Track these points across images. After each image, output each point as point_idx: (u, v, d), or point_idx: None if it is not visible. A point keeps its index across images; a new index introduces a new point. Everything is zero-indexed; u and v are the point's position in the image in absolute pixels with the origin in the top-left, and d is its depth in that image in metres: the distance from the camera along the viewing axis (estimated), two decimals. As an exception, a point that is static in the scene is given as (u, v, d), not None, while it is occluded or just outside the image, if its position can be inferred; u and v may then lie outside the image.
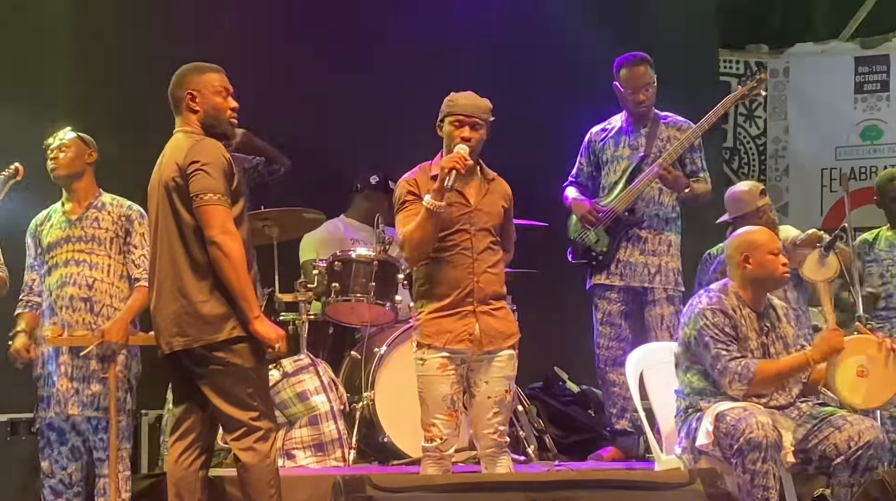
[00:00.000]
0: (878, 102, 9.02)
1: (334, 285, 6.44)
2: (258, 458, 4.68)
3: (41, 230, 5.73)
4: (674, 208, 6.48)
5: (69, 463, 5.63)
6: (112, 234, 5.65)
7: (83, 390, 5.53)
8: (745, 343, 5.24)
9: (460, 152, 4.86)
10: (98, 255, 5.62)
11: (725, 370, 5.13)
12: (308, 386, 6.18)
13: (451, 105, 4.96)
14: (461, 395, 4.95)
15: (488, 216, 4.97)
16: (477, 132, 4.93)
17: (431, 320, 4.95)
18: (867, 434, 5.07)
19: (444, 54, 7.82)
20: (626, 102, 6.47)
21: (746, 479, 4.94)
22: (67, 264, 5.62)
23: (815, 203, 9.11)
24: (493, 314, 4.95)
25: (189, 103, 4.77)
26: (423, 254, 4.95)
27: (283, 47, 7.62)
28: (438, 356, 4.91)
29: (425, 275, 4.99)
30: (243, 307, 4.64)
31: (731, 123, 9.26)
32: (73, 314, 5.57)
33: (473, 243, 4.93)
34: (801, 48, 9.26)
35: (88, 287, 5.59)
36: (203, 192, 4.61)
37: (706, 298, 5.31)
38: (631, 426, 6.45)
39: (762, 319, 5.32)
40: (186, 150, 4.67)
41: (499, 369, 4.94)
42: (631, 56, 6.45)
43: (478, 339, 4.90)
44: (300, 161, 7.18)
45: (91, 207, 5.68)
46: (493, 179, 5.05)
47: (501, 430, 4.97)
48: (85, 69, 7.01)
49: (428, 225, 4.86)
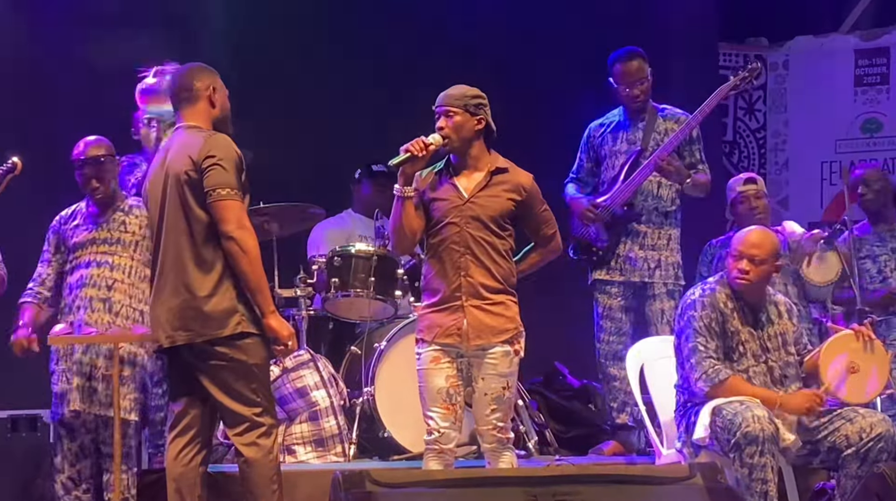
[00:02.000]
0: (879, 94, 9.01)
1: (334, 280, 6.45)
2: (261, 453, 4.68)
3: (66, 230, 5.75)
4: (673, 202, 6.47)
5: (78, 461, 5.64)
6: (139, 237, 5.69)
7: (95, 388, 5.56)
8: (733, 338, 5.24)
9: (424, 138, 4.87)
10: (121, 256, 5.67)
11: (698, 365, 5.16)
12: (308, 382, 6.18)
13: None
14: (460, 389, 4.94)
15: (483, 209, 4.92)
16: (450, 119, 4.92)
17: (425, 314, 4.98)
18: (879, 427, 5.10)
19: (444, 49, 7.82)
20: (621, 97, 6.47)
21: (745, 473, 4.96)
22: (89, 265, 5.66)
23: (815, 196, 9.09)
24: (484, 309, 4.91)
25: (211, 97, 4.79)
26: (404, 242, 4.99)
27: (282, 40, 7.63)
28: (431, 349, 4.93)
29: (425, 270, 5.02)
30: (259, 302, 4.65)
31: (731, 116, 9.25)
32: (92, 315, 5.59)
33: (463, 237, 4.91)
34: (800, 41, 9.25)
35: (108, 288, 5.63)
36: (220, 186, 4.62)
37: (699, 290, 5.33)
38: (631, 420, 6.45)
39: (757, 313, 5.31)
40: (200, 144, 4.67)
41: (492, 366, 4.92)
42: (624, 51, 6.45)
43: (465, 333, 4.89)
44: (299, 156, 7.18)
45: (118, 209, 5.73)
46: (503, 170, 5.00)
47: (501, 426, 4.96)
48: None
49: (397, 211, 4.90)
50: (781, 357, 5.31)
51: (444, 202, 4.94)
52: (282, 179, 6.98)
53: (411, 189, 4.90)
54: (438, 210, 4.94)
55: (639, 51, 6.45)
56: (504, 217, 4.96)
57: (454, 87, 4.99)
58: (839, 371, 5.23)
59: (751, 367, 5.25)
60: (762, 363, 5.28)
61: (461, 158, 4.99)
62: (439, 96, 4.99)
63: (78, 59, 7.10)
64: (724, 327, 5.24)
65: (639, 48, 6.46)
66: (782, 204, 9.03)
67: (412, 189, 4.91)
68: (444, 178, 4.99)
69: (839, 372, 5.23)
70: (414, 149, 4.85)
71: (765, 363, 5.29)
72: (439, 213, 4.94)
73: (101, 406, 5.55)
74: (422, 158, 4.88)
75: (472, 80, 5.06)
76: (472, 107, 4.93)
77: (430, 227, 4.98)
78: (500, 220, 4.96)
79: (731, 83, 6.50)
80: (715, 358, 5.17)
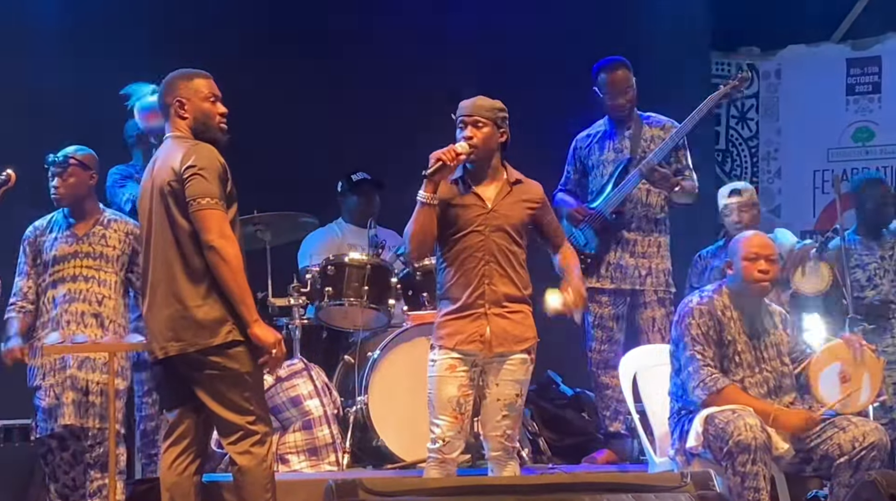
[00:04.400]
0: (870, 103, 9.03)
1: (327, 289, 6.46)
2: (255, 462, 4.68)
3: (42, 241, 5.75)
4: (662, 209, 6.49)
5: (71, 468, 5.67)
6: (119, 251, 5.73)
7: (93, 402, 5.59)
8: (729, 347, 5.24)
9: (455, 147, 4.90)
10: (106, 272, 5.71)
11: (696, 373, 5.16)
12: (301, 390, 6.18)
13: (457, 111, 5.03)
14: (469, 399, 4.96)
15: (506, 218, 4.98)
16: (479, 129, 4.96)
17: (445, 321, 4.99)
18: (871, 436, 5.09)
19: (438, 56, 7.84)
20: (606, 107, 6.50)
21: (737, 481, 4.96)
22: (76, 279, 5.68)
23: (808, 205, 9.11)
24: (506, 317, 4.96)
25: (178, 110, 4.77)
26: (422, 248, 5.00)
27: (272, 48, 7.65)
28: (448, 357, 4.94)
29: (443, 277, 5.04)
30: (242, 312, 4.64)
31: (724, 125, 9.28)
32: (85, 330, 5.62)
33: (487, 245, 4.95)
34: (792, 50, 9.27)
35: (98, 303, 5.67)
36: (200, 196, 4.61)
37: (697, 297, 5.33)
38: (625, 428, 6.46)
39: (754, 323, 5.31)
40: (182, 154, 4.67)
41: (510, 372, 4.96)
42: (609, 60, 6.48)
43: (488, 341, 4.92)
44: (291, 164, 7.19)
45: (97, 223, 5.75)
46: (519, 181, 5.07)
47: (509, 434, 4.98)
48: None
49: (420, 218, 4.91)
50: (777, 368, 5.30)
51: (466, 210, 4.97)
52: (274, 188, 6.99)
53: (436, 196, 4.92)
54: (460, 218, 4.97)
55: (623, 60, 6.48)
56: (524, 227, 5.04)
57: (480, 98, 5.04)
58: (831, 380, 5.23)
59: (746, 377, 5.25)
60: (757, 373, 5.27)
61: (481, 169, 5.03)
62: (466, 105, 5.01)
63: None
64: (721, 335, 5.24)
65: (623, 58, 6.49)
66: (774, 212, 9.05)
67: (437, 196, 4.92)
68: (463, 187, 5.03)
69: (831, 381, 5.23)
70: (445, 157, 4.88)
71: (760, 373, 5.28)
72: (461, 221, 4.97)
73: (97, 420, 5.58)
74: (453, 167, 4.91)
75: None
76: (499, 120, 5.01)
77: (451, 235, 4.99)
78: (521, 229, 5.03)
79: (721, 92, 6.53)
80: (713, 367, 5.17)
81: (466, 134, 4.96)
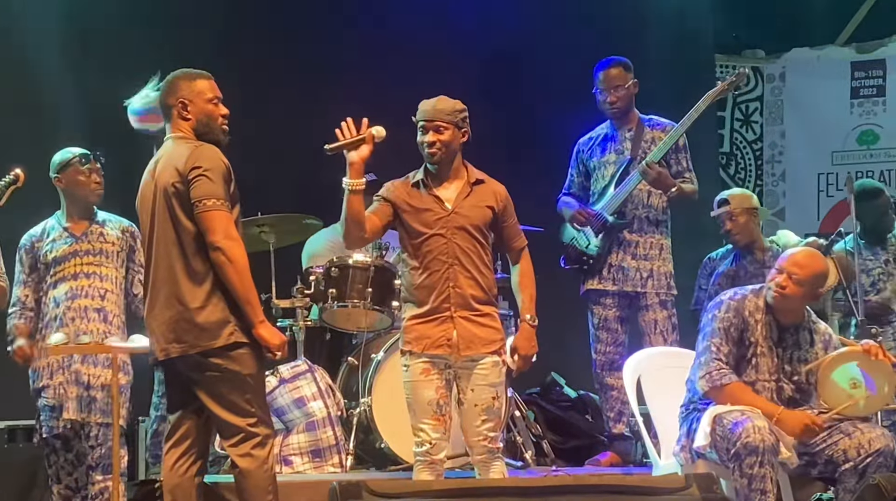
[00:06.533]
0: (875, 106, 9.04)
1: (331, 290, 6.46)
2: (256, 464, 4.67)
3: (40, 247, 5.76)
4: (663, 211, 6.47)
5: (74, 470, 5.68)
6: (118, 247, 5.77)
7: (94, 397, 5.59)
8: (748, 349, 5.20)
9: (371, 130, 4.86)
10: (107, 267, 5.74)
11: (706, 364, 5.14)
12: (305, 392, 6.19)
13: (418, 113, 5.01)
14: (448, 400, 4.96)
15: (467, 219, 4.96)
16: (441, 134, 4.94)
17: (412, 326, 4.97)
18: (877, 442, 5.05)
19: (440, 57, 7.84)
20: (599, 104, 6.49)
21: (744, 483, 4.94)
22: (77, 277, 5.69)
23: (812, 208, 9.12)
24: (473, 320, 4.94)
25: (180, 112, 4.77)
26: (351, 236, 4.97)
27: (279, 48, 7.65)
28: (420, 361, 4.94)
29: (407, 281, 5.01)
30: (247, 312, 4.63)
31: (728, 128, 9.28)
32: (88, 324, 5.63)
33: (450, 248, 4.93)
34: (797, 53, 9.28)
35: (101, 298, 5.70)
36: (206, 197, 4.60)
37: (731, 292, 5.31)
38: (628, 430, 6.45)
39: (784, 332, 5.26)
40: (186, 155, 4.66)
41: (482, 377, 4.94)
42: (608, 59, 6.48)
43: (456, 344, 4.91)
44: (296, 166, 7.18)
45: (94, 222, 5.78)
46: (480, 181, 5.04)
47: (491, 437, 4.97)
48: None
49: (347, 205, 4.89)
50: (797, 382, 5.26)
51: (427, 214, 4.96)
52: (279, 189, 6.99)
53: (360, 182, 4.88)
54: (421, 222, 4.95)
55: (623, 60, 6.47)
56: (485, 226, 5.01)
57: (440, 99, 5.00)
58: (840, 384, 5.17)
59: (759, 381, 5.19)
60: (773, 381, 5.22)
61: (442, 170, 5.01)
62: (425, 108, 4.99)
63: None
64: (743, 335, 5.20)
65: (624, 58, 6.48)
66: (779, 215, 9.06)
67: (361, 182, 4.88)
68: (423, 189, 5.01)
69: (839, 385, 5.17)
70: (341, 134, 4.85)
71: (776, 382, 5.23)
72: (422, 224, 4.95)
73: (100, 415, 5.59)
74: (357, 143, 4.85)
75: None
76: (459, 121, 4.98)
77: (413, 238, 4.97)
78: (483, 228, 5.00)
79: (719, 88, 6.52)
80: (724, 362, 5.14)
81: (428, 139, 4.94)
